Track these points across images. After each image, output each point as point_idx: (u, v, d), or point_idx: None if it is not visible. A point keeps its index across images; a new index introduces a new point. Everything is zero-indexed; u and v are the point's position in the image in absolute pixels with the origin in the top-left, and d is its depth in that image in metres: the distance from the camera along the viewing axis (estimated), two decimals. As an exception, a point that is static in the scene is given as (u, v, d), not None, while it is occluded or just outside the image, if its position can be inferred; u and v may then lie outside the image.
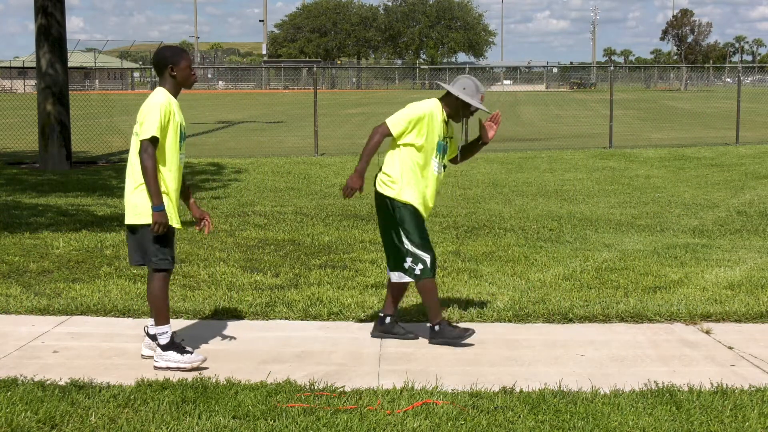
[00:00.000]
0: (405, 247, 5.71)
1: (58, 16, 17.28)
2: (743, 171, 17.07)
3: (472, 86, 5.79)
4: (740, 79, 25.12)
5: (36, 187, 14.13)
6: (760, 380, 5.17)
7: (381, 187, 5.78)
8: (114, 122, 28.32)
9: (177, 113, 5.32)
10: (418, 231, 5.73)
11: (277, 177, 15.78)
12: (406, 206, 5.71)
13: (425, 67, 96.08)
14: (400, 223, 5.71)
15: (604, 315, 6.54)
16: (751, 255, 8.84)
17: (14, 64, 78.03)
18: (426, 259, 5.71)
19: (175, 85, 5.39)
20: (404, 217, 5.71)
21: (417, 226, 5.72)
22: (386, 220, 5.79)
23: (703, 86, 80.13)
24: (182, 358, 5.28)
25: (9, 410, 4.52)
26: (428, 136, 5.73)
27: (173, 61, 5.36)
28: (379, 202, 5.81)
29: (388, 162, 5.80)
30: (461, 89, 5.77)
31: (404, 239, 5.71)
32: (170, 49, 5.47)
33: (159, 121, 5.17)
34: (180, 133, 5.34)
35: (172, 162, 5.30)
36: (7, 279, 7.50)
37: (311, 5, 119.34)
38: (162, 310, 5.33)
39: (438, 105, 5.81)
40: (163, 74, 5.38)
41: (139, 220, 5.25)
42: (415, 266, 5.71)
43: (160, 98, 5.27)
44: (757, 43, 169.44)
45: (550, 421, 4.49)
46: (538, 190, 14.51)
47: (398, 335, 5.98)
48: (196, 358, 5.31)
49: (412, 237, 5.70)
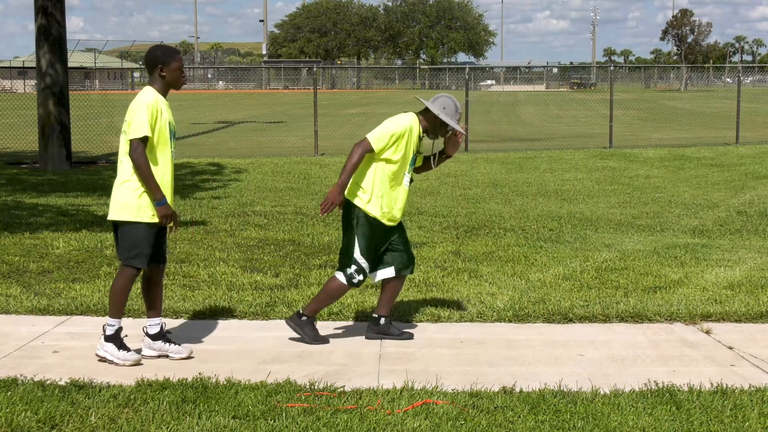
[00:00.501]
0: (354, 256, 5.79)
1: (58, 16, 17.28)
2: (743, 171, 17.07)
3: (452, 106, 5.83)
4: (740, 79, 25.13)
5: (36, 187, 14.13)
6: (760, 380, 5.17)
7: (350, 195, 5.81)
8: (114, 122, 28.24)
9: (165, 111, 5.34)
10: (372, 243, 5.81)
11: (277, 177, 15.78)
12: (367, 218, 5.76)
13: (425, 67, 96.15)
14: (358, 233, 5.78)
15: (604, 315, 6.54)
16: (751, 255, 8.84)
17: (14, 64, 78.03)
18: (367, 270, 5.84)
19: (164, 85, 5.41)
20: (364, 229, 5.77)
21: (371, 239, 5.80)
22: (347, 225, 5.85)
23: (703, 86, 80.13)
24: (117, 353, 5.39)
25: (9, 410, 4.52)
26: (405, 151, 5.78)
27: (164, 61, 5.38)
28: (347, 208, 5.84)
29: (361, 171, 5.81)
30: (441, 108, 5.81)
31: (356, 248, 5.78)
32: (162, 49, 5.48)
33: (147, 120, 5.20)
34: (169, 130, 5.37)
35: (163, 159, 5.34)
36: (7, 279, 7.50)
37: (311, 5, 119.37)
38: (117, 305, 5.41)
39: (416, 120, 5.84)
40: (152, 73, 5.40)
41: (119, 216, 5.31)
42: (356, 276, 5.82)
43: (147, 97, 5.30)
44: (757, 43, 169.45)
45: (550, 421, 4.49)
46: (538, 190, 14.51)
47: (393, 336, 5.98)
48: (131, 357, 5.39)
49: (362, 248, 5.79)
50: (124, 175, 5.28)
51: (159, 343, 5.54)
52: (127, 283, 5.38)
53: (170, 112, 5.43)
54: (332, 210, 5.66)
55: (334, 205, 5.66)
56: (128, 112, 5.30)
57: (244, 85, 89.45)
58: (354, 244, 5.79)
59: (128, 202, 5.26)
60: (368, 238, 5.78)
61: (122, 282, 5.37)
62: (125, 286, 5.38)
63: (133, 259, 5.32)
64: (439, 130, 5.89)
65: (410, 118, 5.81)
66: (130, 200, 5.26)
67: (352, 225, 5.80)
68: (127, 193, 5.27)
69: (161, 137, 5.32)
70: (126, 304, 5.52)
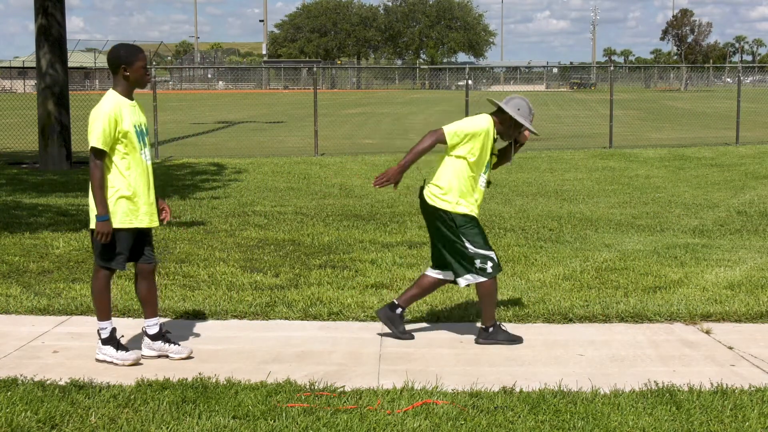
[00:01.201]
0: (471, 251, 5.75)
1: (58, 16, 17.28)
2: (743, 171, 17.07)
3: (526, 108, 5.81)
4: (740, 79, 25.12)
5: (36, 187, 14.13)
6: (760, 380, 5.17)
7: (432, 200, 5.78)
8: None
9: (128, 116, 5.27)
10: (481, 235, 5.80)
11: (277, 177, 15.78)
12: (464, 216, 5.74)
13: (425, 67, 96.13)
14: (462, 231, 5.74)
15: (604, 315, 6.54)
16: (751, 255, 8.84)
17: (14, 64, 78.02)
18: (493, 256, 5.81)
19: (128, 86, 5.35)
20: (465, 224, 5.74)
21: (479, 232, 5.79)
22: (445, 231, 5.79)
23: (703, 86, 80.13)
24: (116, 354, 5.40)
25: (9, 410, 4.52)
26: (482, 152, 5.75)
27: (127, 60, 5.30)
28: (434, 215, 5.81)
29: (439, 173, 5.79)
30: (516, 109, 5.78)
31: (468, 245, 5.75)
32: (125, 48, 5.39)
33: (102, 131, 5.17)
34: (137, 133, 5.30)
35: (133, 164, 5.30)
36: (7, 279, 7.50)
37: (311, 5, 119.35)
38: (101, 307, 5.42)
39: (492, 122, 5.80)
40: (116, 74, 5.33)
41: (92, 223, 5.33)
42: (485, 264, 5.76)
43: (105, 107, 5.24)
44: (757, 43, 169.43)
45: (550, 421, 4.49)
46: (538, 190, 14.51)
47: (398, 332, 5.97)
48: (129, 357, 5.40)
49: (475, 241, 5.76)
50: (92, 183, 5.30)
51: (159, 343, 5.54)
52: (103, 283, 5.40)
53: (138, 112, 5.37)
54: (386, 186, 5.67)
55: (390, 182, 5.67)
56: (89, 118, 5.27)
57: (244, 85, 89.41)
58: (464, 242, 5.74)
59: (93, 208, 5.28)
60: (474, 231, 5.75)
61: (97, 283, 5.41)
62: (100, 287, 5.40)
63: (105, 261, 5.35)
64: (513, 132, 5.85)
65: (488, 121, 5.77)
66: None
67: (452, 228, 5.75)
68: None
69: (129, 143, 5.27)
70: (110, 305, 5.50)
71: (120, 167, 5.25)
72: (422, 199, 5.86)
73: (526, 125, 5.81)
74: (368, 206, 12.08)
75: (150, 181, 5.42)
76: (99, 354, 5.44)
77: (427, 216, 5.88)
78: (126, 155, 5.27)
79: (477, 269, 5.77)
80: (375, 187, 5.74)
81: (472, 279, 5.80)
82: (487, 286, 5.80)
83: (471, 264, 5.76)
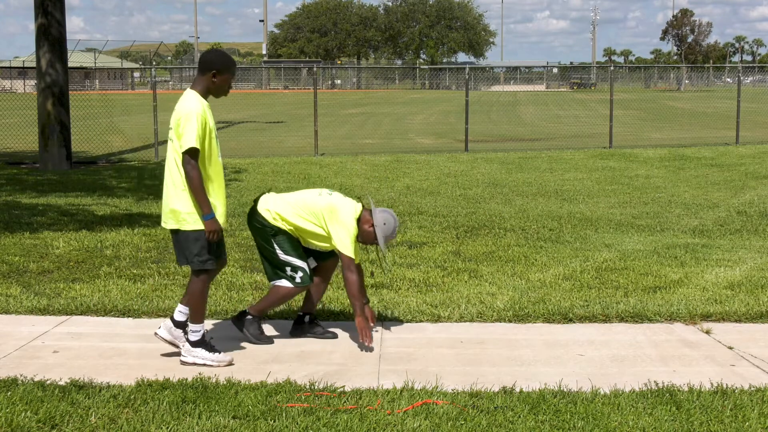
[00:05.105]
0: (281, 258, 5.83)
1: (58, 15, 17.28)
2: (743, 171, 17.07)
3: (392, 226, 5.84)
4: (740, 79, 25.12)
5: (36, 187, 14.13)
6: (760, 380, 5.17)
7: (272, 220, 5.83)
8: (114, 122, 28.32)
9: (209, 117, 5.34)
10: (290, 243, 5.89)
11: (277, 177, 15.77)
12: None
13: (425, 67, 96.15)
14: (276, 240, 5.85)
15: (604, 315, 6.54)
16: (751, 255, 8.84)
17: (14, 64, 78.00)
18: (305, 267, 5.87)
19: (207, 91, 5.40)
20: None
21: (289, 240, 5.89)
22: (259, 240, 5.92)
23: (703, 86, 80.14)
24: (210, 356, 5.37)
25: (9, 410, 4.52)
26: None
27: (220, 68, 5.36)
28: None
29: (288, 209, 5.82)
30: (382, 223, 5.81)
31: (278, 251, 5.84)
32: (224, 56, 5.47)
33: (196, 130, 5.19)
34: (215, 138, 5.39)
35: (213, 164, 5.35)
36: (7, 279, 7.50)
37: (311, 5, 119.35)
38: (198, 310, 5.40)
39: (357, 222, 5.82)
40: (203, 75, 5.37)
41: (180, 225, 5.30)
42: (295, 273, 5.82)
43: (195, 106, 5.26)
44: (757, 43, 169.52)
45: (550, 421, 4.49)
46: (538, 190, 14.50)
47: (317, 334, 6.02)
48: (225, 358, 5.40)
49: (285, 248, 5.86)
50: (180, 184, 5.26)
51: (179, 332, 5.52)
52: (203, 287, 5.38)
53: (212, 117, 5.42)
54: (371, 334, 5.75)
55: (371, 329, 5.78)
56: (175, 119, 5.27)
57: (244, 85, 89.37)
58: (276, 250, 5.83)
59: (189, 211, 5.25)
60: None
61: (198, 287, 5.37)
62: (201, 290, 5.38)
63: (202, 263, 5.32)
64: (368, 239, 5.86)
65: (355, 224, 5.77)
66: (191, 209, 5.25)
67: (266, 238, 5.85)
68: (186, 202, 5.25)
69: (211, 143, 5.32)
70: (206, 308, 5.50)
71: (200, 168, 5.26)
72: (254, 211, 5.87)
73: (381, 244, 5.81)
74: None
75: (223, 181, 5.46)
76: (188, 357, 5.38)
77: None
78: (208, 155, 5.30)
79: (288, 276, 5.79)
80: (369, 345, 5.73)
81: (280, 282, 5.82)
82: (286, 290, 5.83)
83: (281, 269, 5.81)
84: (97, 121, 24.77)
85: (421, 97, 61.72)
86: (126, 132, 26.33)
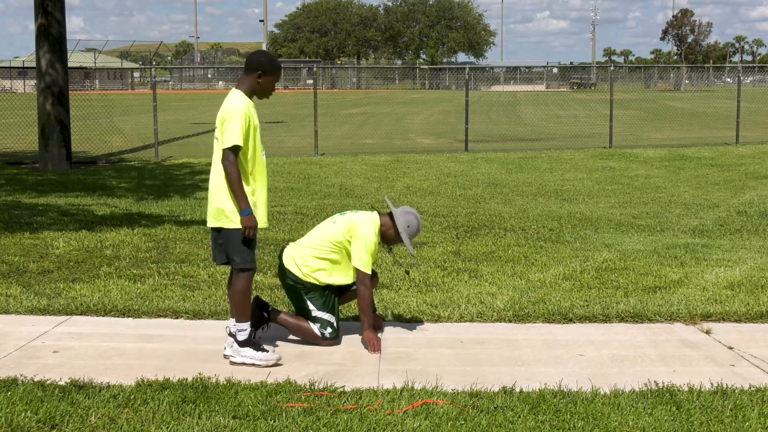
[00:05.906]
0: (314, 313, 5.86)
1: (58, 15, 17.28)
2: (743, 171, 17.07)
3: (415, 227, 5.92)
4: (740, 79, 25.12)
5: (36, 187, 14.13)
6: (760, 380, 5.17)
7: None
8: (114, 122, 28.34)
9: (254, 116, 5.37)
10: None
11: (277, 177, 15.77)
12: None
13: (425, 67, 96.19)
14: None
15: (604, 315, 6.54)
16: (751, 255, 8.84)
17: (14, 64, 78.03)
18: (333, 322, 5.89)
19: (251, 91, 5.43)
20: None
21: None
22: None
23: (703, 86, 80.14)
24: (257, 355, 5.38)
25: (9, 410, 4.52)
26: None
27: (266, 70, 5.40)
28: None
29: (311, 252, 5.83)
30: (405, 226, 5.86)
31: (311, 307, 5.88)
32: (271, 58, 5.50)
33: (241, 128, 5.21)
34: (259, 134, 5.42)
35: (257, 163, 5.37)
36: (7, 279, 7.50)
37: (311, 5, 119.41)
38: (243, 309, 5.41)
39: (378, 228, 5.85)
40: (249, 75, 5.41)
41: (223, 224, 5.31)
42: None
43: (240, 104, 5.29)
44: (757, 43, 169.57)
45: (550, 421, 4.49)
46: (538, 190, 14.51)
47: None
48: (272, 357, 5.41)
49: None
50: (224, 183, 5.28)
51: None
52: (246, 285, 5.39)
53: (257, 116, 5.44)
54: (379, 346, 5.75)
55: (379, 341, 5.77)
56: (220, 117, 5.30)
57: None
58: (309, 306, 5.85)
59: (234, 209, 5.26)
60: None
61: (241, 285, 5.38)
62: (245, 288, 5.39)
63: (244, 262, 5.34)
64: (393, 242, 5.94)
65: (376, 231, 5.80)
66: (235, 207, 5.26)
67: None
68: (232, 200, 5.27)
69: (255, 141, 5.35)
70: (250, 306, 5.51)
71: (245, 166, 5.29)
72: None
73: (408, 248, 5.87)
74: (368, 206, 12.07)
75: (266, 180, 5.47)
76: (236, 357, 5.38)
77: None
78: (252, 154, 5.32)
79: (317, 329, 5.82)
80: (376, 354, 5.71)
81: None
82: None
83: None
84: (97, 121, 24.77)
85: (421, 97, 61.71)
86: (126, 132, 26.35)
